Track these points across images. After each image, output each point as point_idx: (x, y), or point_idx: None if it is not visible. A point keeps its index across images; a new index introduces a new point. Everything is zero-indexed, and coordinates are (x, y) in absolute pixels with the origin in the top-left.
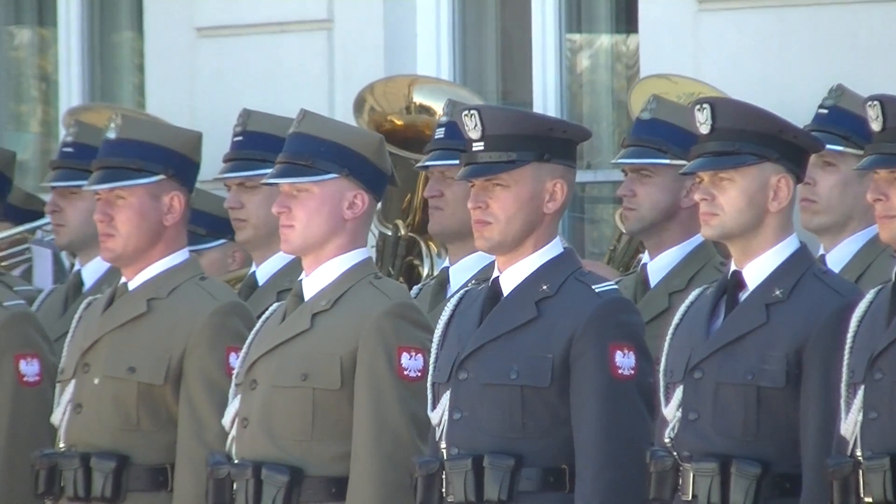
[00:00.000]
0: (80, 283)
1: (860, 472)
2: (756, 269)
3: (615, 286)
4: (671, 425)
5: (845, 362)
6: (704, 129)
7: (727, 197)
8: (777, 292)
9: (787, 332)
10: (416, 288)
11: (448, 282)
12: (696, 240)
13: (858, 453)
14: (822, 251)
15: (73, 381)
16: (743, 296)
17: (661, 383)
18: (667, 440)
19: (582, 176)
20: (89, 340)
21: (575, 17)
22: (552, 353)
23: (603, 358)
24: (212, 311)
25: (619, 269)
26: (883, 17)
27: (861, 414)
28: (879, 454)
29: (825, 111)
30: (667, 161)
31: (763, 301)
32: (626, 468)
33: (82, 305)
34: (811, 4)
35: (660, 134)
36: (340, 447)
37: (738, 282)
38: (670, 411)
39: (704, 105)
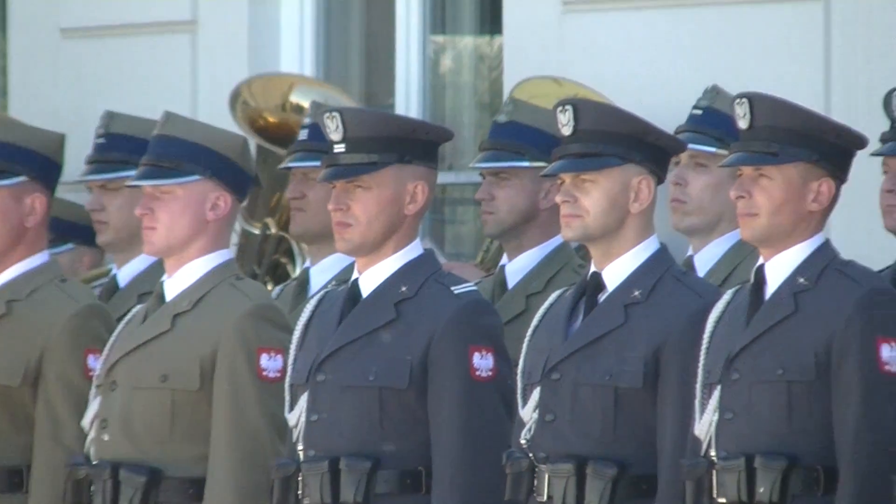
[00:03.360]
0: None
1: (714, 472)
2: (616, 271)
3: (474, 287)
4: (528, 426)
5: (701, 363)
6: (567, 131)
7: (590, 199)
8: (636, 293)
9: (646, 333)
10: (276, 289)
11: (308, 283)
12: (555, 242)
13: (713, 454)
14: (690, 252)
15: None
16: (602, 297)
17: (519, 385)
18: (523, 441)
19: (444, 177)
20: None
21: (439, 18)
22: (411, 355)
23: (461, 360)
24: (71, 314)
25: (489, 271)
26: (755, 18)
27: (716, 414)
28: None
29: (699, 112)
30: (525, 163)
31: (622, 302)
32: (484, 470)
33: None
34: (678, 6)
35: (517, 136)
36: (200, 448)
37: (597, 283)
38: (527, 412)
39: (567, 106)
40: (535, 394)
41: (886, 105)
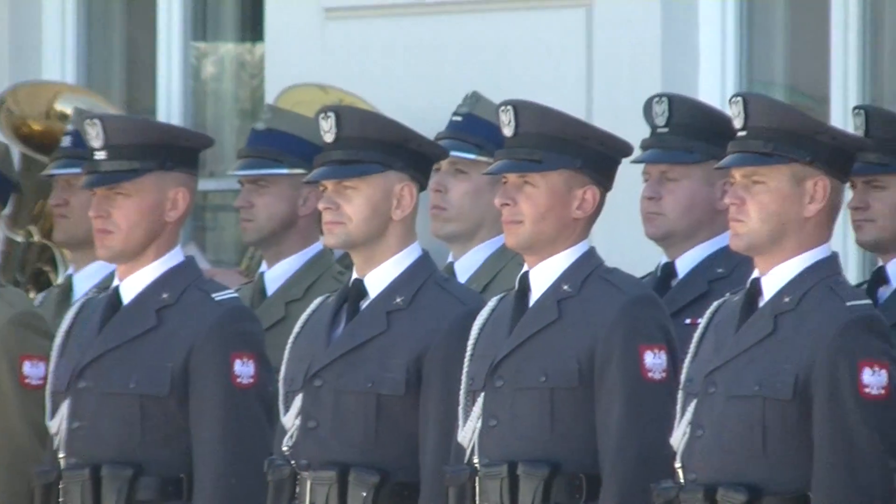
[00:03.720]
0: None
1: (477, 479)
2: (378, 278)
3: (235, 294)
4: (290, 434)
5: (465, 370)
6: (329, 138)
7: (352, 206)
8: (398, 300)
9: (408, 340)
10: (39, 296)
11: (72, 290)
12: (314, 249)
13: (476, 461)
14: (451, 258)
15: None
16: (364, 304)
17: (281, 392)
18: (285, 449)
19: (205, 184)
20: None
21: (201, 24)
22: (172, 362)
23: (223, 367)
24: None
25: (252, 277)
26: (518, 24)
27: (480, 421)
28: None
29: (459, 118)
30: (283, 171)
31: (384, 309)
32: (245, 478)
33: None
34: (440, 13)
35: (275, 144)
36: None
37: (359, 290)
38: (289, 419)
39: (329, 113)
40: (297, 401)
41: (647, 112)
